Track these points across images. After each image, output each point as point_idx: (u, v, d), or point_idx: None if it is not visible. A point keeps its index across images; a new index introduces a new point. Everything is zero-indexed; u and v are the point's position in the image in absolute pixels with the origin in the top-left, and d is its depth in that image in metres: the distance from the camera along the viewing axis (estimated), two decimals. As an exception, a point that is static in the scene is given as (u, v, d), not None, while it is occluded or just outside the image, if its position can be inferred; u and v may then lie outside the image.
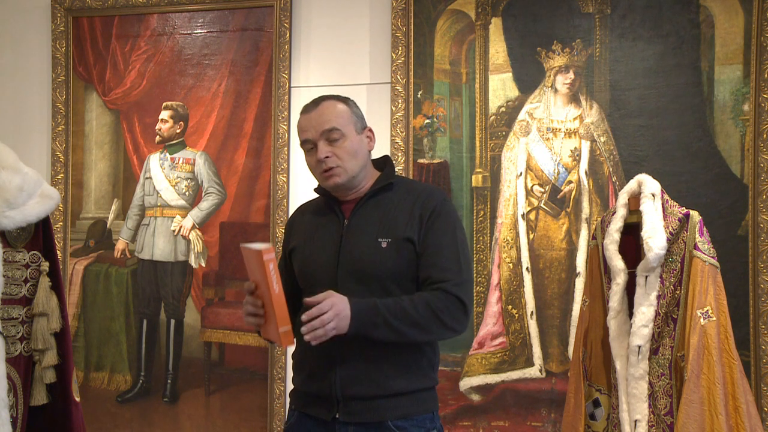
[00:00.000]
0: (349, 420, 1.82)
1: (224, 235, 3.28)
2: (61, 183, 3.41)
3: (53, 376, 2.08)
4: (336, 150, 1.87)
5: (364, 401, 1.82)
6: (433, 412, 1.90)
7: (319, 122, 1.88)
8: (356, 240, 1.87)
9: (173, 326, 3.32)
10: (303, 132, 1.91)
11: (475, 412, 2.97)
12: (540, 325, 2.95)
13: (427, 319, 1.77)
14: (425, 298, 1.79)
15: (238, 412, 3.23)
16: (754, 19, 2.77)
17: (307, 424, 1.89)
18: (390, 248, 1.83)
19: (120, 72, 3.43)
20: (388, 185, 1.92)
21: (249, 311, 1.79)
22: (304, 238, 1.97)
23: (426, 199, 1.89)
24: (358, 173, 1.91)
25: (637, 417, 2.20)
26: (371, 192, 1.92)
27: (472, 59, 3.05)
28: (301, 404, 1.92)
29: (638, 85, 2.89)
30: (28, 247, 2.07)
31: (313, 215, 2.01)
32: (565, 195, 2.95)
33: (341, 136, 1.87)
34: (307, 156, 1.93)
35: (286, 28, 3.21)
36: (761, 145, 2.75)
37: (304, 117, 1.92)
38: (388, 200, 1.91)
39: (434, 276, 1.82)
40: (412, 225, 1.85)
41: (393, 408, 1.82)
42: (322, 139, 1.87)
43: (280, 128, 3.20)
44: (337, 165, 1.87)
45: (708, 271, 2.13)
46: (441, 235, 1.85)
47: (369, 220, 1.88)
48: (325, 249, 1.90)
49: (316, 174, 1.92)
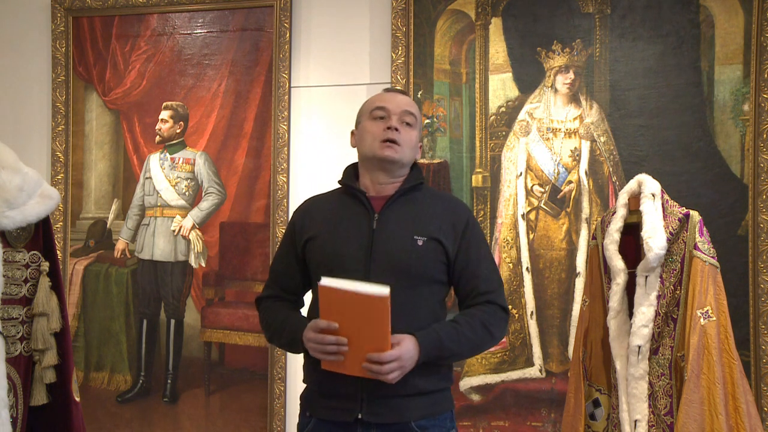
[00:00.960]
0: (372, 420, 1.81)
1: (224, 235, 3.28)
2: (61, 183, 3.41)
3: (53, 376, 2.08)
4: (404, 132, 1.92)
5: (389, 400, 1.81)
6: (451, 411, 1.94)
7: (404, 103, 1.96)
8: (391, 234, 1.87)
9: (173, 326, 3.32)
10: (383, 101, 1.95)
11: (475, 412, 2.97)
12: (540, 325, 2.95)
13: (483, 338, 1.88)
14: (480, 318, 1.88)
15: (238, 412, 3.23)
16: (754, 19, 2.77)
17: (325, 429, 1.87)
18: (425, 246, 1.86)
19: (120, 72, 3.43)
20: (418, 185, 1.96)
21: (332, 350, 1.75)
22: (326, 228, 1.93)
23: (457, 209, 1.97)
24: (406, 164, 1.95)
25: (637, 417, 2.20)
26: (403, 190, 1.93)
27: (472, 59, 3.05)
28: (318, 409, 1.89)
29: (638, 85, 2.89)
30: (28, 247, 2.06)
31: (335, 206, 1.97)
32: (565, 195, 2.95)
33: (414, 125, 1.95)
34: (370, 123, 1.94)
35: (286, 28, 3.21)
36: (761, 145, 2.75)
37: (389, 93, 1.99)
38: (418, 200, 1.94)
39: (480, 287, 1.91)
40: (445, 230, 1.90)
41: (415, 408, 1.84)
42: (399, 116, 1.92)
43: (280, 128, 3.20)
44: (400, 143, 1.90)
45: (708, 271, 2.13)
46: (478, 247, 1.94)
47: (403, 216, 1.90)
48: (355, 240, 1.87)
49: (375, 142, 1.91)
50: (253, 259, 3.24)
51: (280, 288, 2.02)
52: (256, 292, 3.22)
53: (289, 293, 2.02)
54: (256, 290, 3.22)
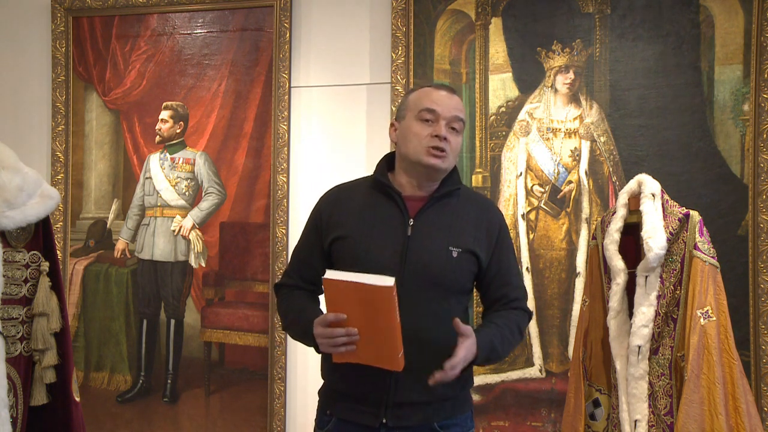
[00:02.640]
0: (397, 424, 1.81)
1: (224, 235, 3.28)
2: (61, 183, 3.41)
3: (53, 376, 2.08)
4: (451, 139, 1.85)
5: (414, 406, 1.81)
6: (471, 411, 1.97)
7: (455, 106, 1.87)
8: (426, 244, 1.83)
9: (173, 326, 3.32)
10: (433, 103, 1.84)
11: (475, 412, 2.94)
12: (540, 325, 2.95)
13: (517, 341, 1.92)
14: (515, 321, 1.90)
15: (238, 412, 3.23)
16: (754, 19, 2.77)
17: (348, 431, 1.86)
18: (460, 258, 1.84)
19: (120, 72, 3.43)
20: (455, 190, 1.92)
21: (343, 342, 1.71)
22: (358, 228, 1.87)
23: (492, 213, 1.95)
24: (449, 170, 1.91)
25: (637, 417, 2.20)
26: (439, 195, 1.89)
27: (472, 59, 3.05)
28: (341, 409, 1.87)
29: (638, 85, 2.89)
30: (28, 247, 2.07)
31: (368, 202, 1.91)
32: (565, 195, 2.95)
33: (460, 130, 1.89)
34: (417, 123, 1.84)
35: (286, 28, 3.21)
36: (761, 145, 2.75)
37: (440, 93, 1.87)
38: (453, 206, 1.90)
39: (510, 294, 1.92)
40: (479, 239, 1.88)
41: (440, 410, 1.85)
42: (449, 121, 1.85)
43: (280, 128, 3.20)
44: (447, 152, 1.84)
45: (708, 271, 2.13)
46: (509, 254, 1.95)
47: (437, 225, 1.86)
48: (390, 246, 1.83)
49: (420, 146, 1.83)
50: (253, 259, 3.24)
51: (299, 277, 1.97)
52: (256, 292, 3.22)
53: (308, 283, 1.97)
54: (256, 290, 3.22)
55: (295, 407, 3.18)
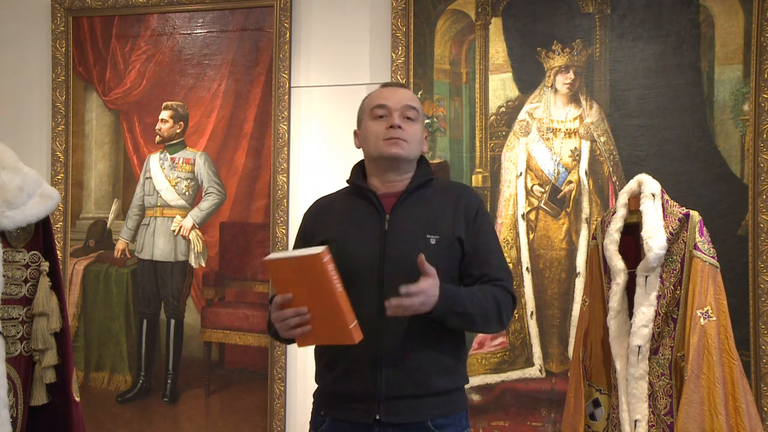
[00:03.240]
0: (390, 421, 1.80)
1: (224, 235, 3.28)
2: (61, 183, 3.41)
3: (53, 376, 2.08)
4: (407, 127, 1.90)
5: (407, 400, 1.80)
6: (466, 410, 1.93)
7: (404, 97, 1.93)
8: (403, 235, 1.84)
9: (173, 326, 3.32)
10: (383, 99, 1.92)
11: (475, 412, 2.97)
12: (540, 325, 2.95)
13: (492, 311, 1.83)
14: (492, 291, 1.84)
15: (238, 412, 3.23)
16: (754, 19, 2.77)
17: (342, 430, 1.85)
18: (439, 245, 1.84)
19: (120, 72, 3.43)
20: (428, 181, 1.94)
21: (294, 323, 1.71)
22: (339, 230, 1.90)
23: (468, 198, 1.94)
24: (413, 159, 1.93)
25: (637, 417, 2.20)
26: (412, 187, 1.91)
27: (472, 59, 3.05)
28: (334, 409, 1.87)
29: (638, 85, 2.89)
30: (28, 247, 2.07)
31: (346, 207, 1.95)
32: (565, 195, 2.95)
33: (416, 119, 1.93)
34: (372, 122, 1.92)
35: (286, 28, 3.21)
36: (761, 145, 2.75)
37: (388, 89, 1.96)
38: (428, 197, 1.92)
39: (491, 274, 1.87)
40: (459, 223, 1.88)
41: (433, 407, 1.83)
42: (401, 111, 1.90)
43: (280, 128, 3.20)
44: (405, 139, 1.88)
45: (708, 271, 2.13)
46: (489, 236, 1.93)
47: (413, 215, 1.88)
48: (368, 243, 1.85)
49: (379, 141, 1.89)
50: (253, 259, 3.24)
51: None
52: (256, 292, 3.22)
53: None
54: (256, 290, 3.22)
55: (295, 407, 3.18)
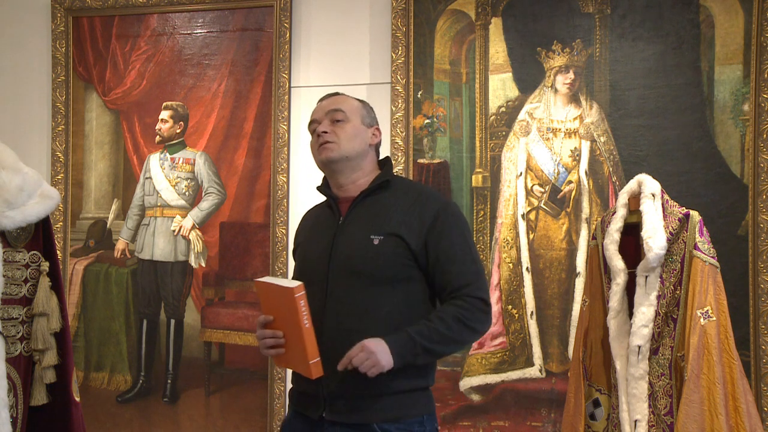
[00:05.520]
0: (336, 420, 1.81)
1: (224, 235, 3.28)
2: (61, 183, 3.41)
3: (53, 376, 2.08)
4: (336, 128, 1.93)
5: (350, 400, 1.80)
6: (424, 416, 1.84)
7: (328, 104, 1.98)
8: (349, 237, 1.88)
9: (173, 326, 3.32)
10: (312, 115, 1.99)
11: (475, 412, 2.97)
12: (540, 325, 2.95)
13: (459, 332, 1.79)
14: (452, 312, 1.80)
15: (238, 412, 3.23)
16: (754, 19, 2.77)
17: (298, 422, 1.90)
18: (382, 245, 1.83)
19: (120, 72, 3.43)
20: (385, 183, 1.93)
21: (269, 344, 1.82)
22: (304, 237, 2.04)
23: (426, 202, 1.88)
24: (353, 157, 1.92)
25: (637, 417, 2.20)
26: (368, 190, 1.92)
27: (472, 59, 3.05)
28: (295, 403, 1.95)
29: (638, 85, 2.89)
30: (28, 247, 2.06)
31: (316, 215, 2.06)
32: (565, 195, 2.95)
33: (344, 119, 1.94)
34: (311, 138, 1.99)
35: (286, 28, 3.21)
36: (761, 145, 2.75)
37: (318, 105, 2.01)
38: (384, 199, 1.91)
39: (454, 283, 1.83)
40: (407, 223, 1.84)
41: (379, 410, 1.79)
42: (327, 118, 1.95)
43: (280, 128, 3.20)
44: (333, 141, 1.91)
45: (708, 271, 2.13)
46: (450, 241, 1.84)
47: (363, 217, 1.89)
48: (319, 246, 1.92)
49: (315, 151, 1.96)
50: (253, 259, 3.24)
51: None
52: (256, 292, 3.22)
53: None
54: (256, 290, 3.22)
55: (295, 407, 3.17)
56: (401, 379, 1.79)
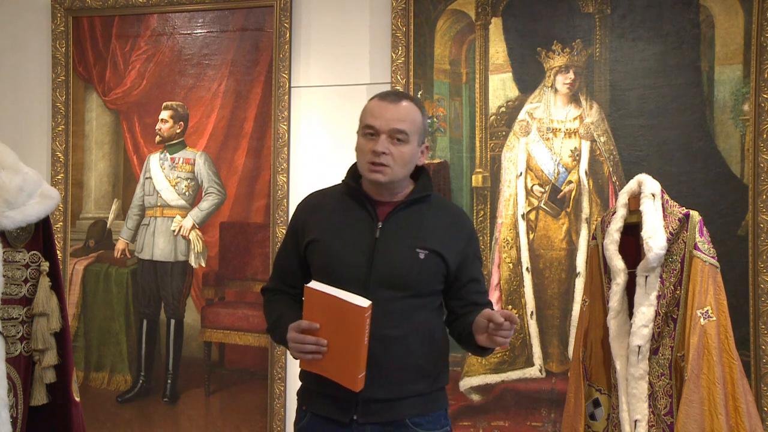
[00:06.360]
0: (367, 420, 1.84)
1: (224, 235, 3.28)
2: (61, 183, 3.41)
3: (53, 376, 2.08)
4: (394, 151, 1.86)
5: (384, 403, 1.84)
6: (445, 409, 1.96)
7: (394, 117, 1.87)
8: (393, 246, 1.86)
9: (173, 326, 3.32)
10: (373, 117, 1.87)
11: (475, 412, 2.97)
12: (540, 325, 2.95)
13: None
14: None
15: (238, 412, 3.23)
16: (754, 19, 2.77)
17: (321, 425, 1.89)
18: (427, 260, 1.87)
19: (120, 72, 3.43)
20: (426, 197, 1.94)
21: (310, 350, 1.77)
22: (329, 231, 1.92)
23: (461, 221, 1.99)
24: (400, 181, 1.91)
25: (637, 417, 2.20)
26: (410, 200, 1.92)
27: (472, 59, 3.05)
28: (315, 405, 1.92)
29: (638, 85, 2.89)
30: (28, 247, 2.06)
31: (339, 208, 1.96)
32: (565, 195, 2.95)
33: (405, 141, 1.87)
34: (361, 138, 1.90)
35: (286, 28, 3.21)
36: (761, 145, 2.75)
37: (381, 104, 1.89)
38: (423, 211, 1.93)
39: (479, 301, 1.95)
40: (447, 243, 1.90)
41: (411, 407, 1.87)
42: (388, 134, 1.86)
43: (280, 128, 3.20)
44: (388, 164, 1.86)
45: (708, 271, 2.13)
46: (476, 266, 1.98)
47: (406, 228, 1.89)
48: (357, 249, 1.87)
49: (363, 161, 1.88)
50: (253, 259, 3.24)
51: (282, 282, 2.04)
52: (256, 292, 3.22)
53: (290, 286, 2.02)
54: (256, 290, 3.22)
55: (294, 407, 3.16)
56: (429, 383, 1.90)
